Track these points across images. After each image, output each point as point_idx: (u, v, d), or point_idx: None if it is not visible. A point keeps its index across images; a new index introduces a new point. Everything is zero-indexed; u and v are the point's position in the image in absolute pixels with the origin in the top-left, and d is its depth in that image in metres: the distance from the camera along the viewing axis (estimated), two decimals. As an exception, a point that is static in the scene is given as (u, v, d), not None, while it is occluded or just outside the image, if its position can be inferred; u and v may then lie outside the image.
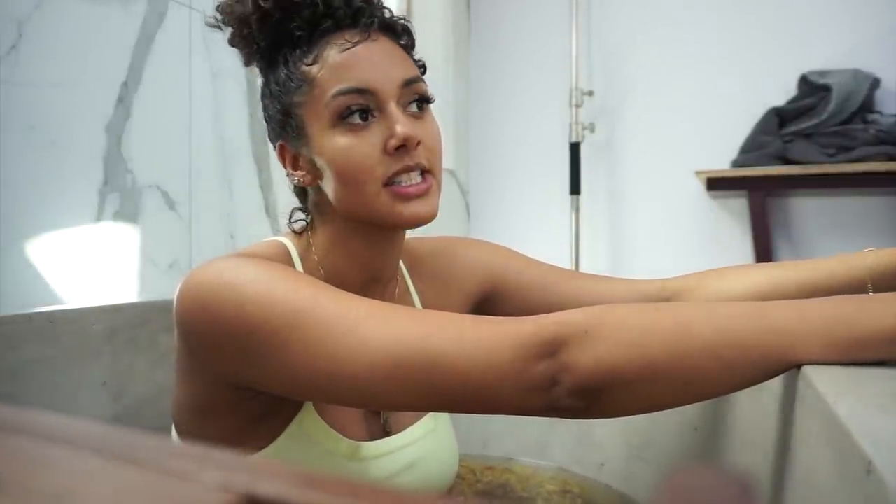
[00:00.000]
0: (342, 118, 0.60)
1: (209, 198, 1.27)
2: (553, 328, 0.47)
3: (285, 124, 0.64)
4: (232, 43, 0.67)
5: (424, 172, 0.62)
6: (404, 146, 0.60)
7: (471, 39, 2.52)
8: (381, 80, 0.61)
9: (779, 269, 0.71)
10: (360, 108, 0.60)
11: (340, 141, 0.60)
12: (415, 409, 0.54)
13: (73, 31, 1.00)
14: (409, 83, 0.62)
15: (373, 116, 0.61)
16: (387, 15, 0.65)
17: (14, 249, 0.91)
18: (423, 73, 0.69)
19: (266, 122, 0.68)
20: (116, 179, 1.08)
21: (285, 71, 0.63)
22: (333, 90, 0.60)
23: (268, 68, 0.66)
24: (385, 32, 0.64)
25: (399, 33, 0.66)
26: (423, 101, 0.64)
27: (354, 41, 0.61)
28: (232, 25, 0.65)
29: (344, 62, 0.61)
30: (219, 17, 0.65)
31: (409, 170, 0.60)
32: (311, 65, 0.62)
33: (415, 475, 0.68)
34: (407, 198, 0.60)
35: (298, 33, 0.62)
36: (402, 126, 0.59)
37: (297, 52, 0.63)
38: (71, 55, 1.00)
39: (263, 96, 0.68)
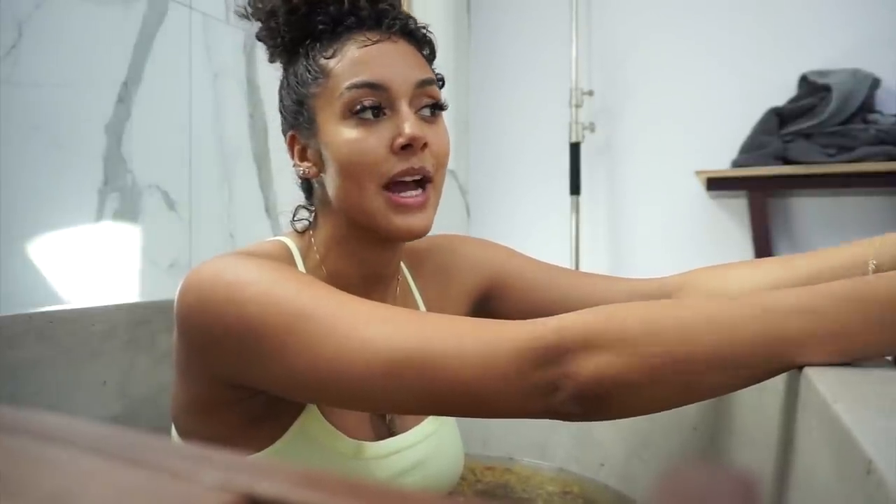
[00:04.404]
0: (353, 112, 0.61)
1: (209, 198, 1.27)
2: (554, 336, 0.46)
3: (298, 114, 0.65)
4: (259, 37, 0.69)
5: (425, 182, 0.62)
6: (410, 146, 0.60)
7: (471, 39, 2.52)
8: (396, 78, 0.61)
9: (779, 264, 0.70)
10: (372, 105, 0.61)
11: (349, 133, 0.61)
12: (413, 412, 0.54)
13: (73, 31, 1.00)
14: (424, 84, 0.63)
15: (383, 114, 0.61)
16: (410, 23, 0.66)
17: (14, 249, 0.91)
18: (441, 86, 0.69)
19: (280, 112, 0.69)
20: (116, 179, 1.08)
21: (305, 63, 0.65)
22: (347, 83, 0.61)
23: (289, 62, 0.68)
24: (406, 37, 0.65)
25: (420, 41, 0.67)
26: (436, 107, 0.65)
27: (374, 39, 0.62)
28: (261, 19, 0.67)
29: (361, 57, 0.62)
30: (250, 10, 0.67)
31: (412, 172, 0.61)
32: (330, 58, 0.63)
33: (419, 475, 0.68)
34: (403, 209, 0.61)
35: (321, 27, 0.64)
36: (411, 126, 0.60)
37: (319, 45, 0.64)
38: (71, 55, 1.00)
39: (281, 88, 0.69)
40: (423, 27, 0.68)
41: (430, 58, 0.69)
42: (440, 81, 0.69)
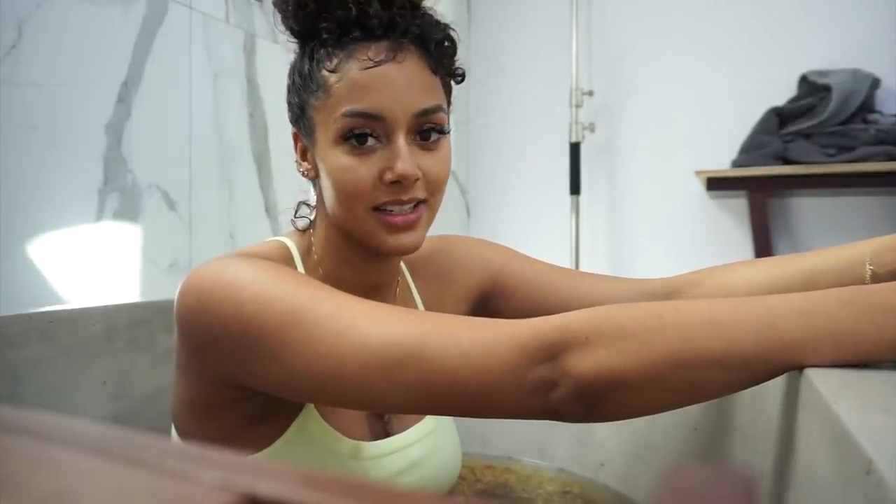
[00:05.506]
0: (346, 138, 0.60)
1: (209, 198, 1.27)
2: (553, 333, 0.46)
3: (300, 118, 0.65)
4: (274, 4, 0.65)
5: (419, 203, 0.62)
6: (400, 183, 0.59)
7: (471, 39, 2.52)
8: (394, 107, 0.59)
9: (775, 264, 0.70)
10: (366, 134, 0.59)
11: (341, 159, 0.60)
12: (411, 412, 0.53)
13: (73, 31, 1.00)
14: (424, 114, 0.60)
15: (379, 141, 0.60)
16: (426, 28, 0.62)
17: (14, 249, 0.91)
18: (461, 81, 0.67)
19: (287, 102, 0.68)
20: (116, 179, 1.08)
21: (309, 66, 0.62)
22: (344, 108, 0.59)
23: (298, 52, 0.66)
24: (418, 49, 0.62)
25: (432, 52, 0.63)
26: (437, 131, 0.62)
27: (378, 60, 0.59)
28: None
29: (361, 81, 0.59)
30: None
31: (400, 203, 0.60)
32: (332, 72, 0.60)
33: (417, 475, 0.68)
34: (393, 228, 0.60)
35: (326, 35, 0.61)
36: (403, 163, 0.59)
37: (323, 51, 0.61)
38: (71, 55, 1.00)
39: (289, 75, 0.66)
40: (444, 26, 0.64)
41: (450, 56, 0.65)
42: (460, 77, 0.67)
